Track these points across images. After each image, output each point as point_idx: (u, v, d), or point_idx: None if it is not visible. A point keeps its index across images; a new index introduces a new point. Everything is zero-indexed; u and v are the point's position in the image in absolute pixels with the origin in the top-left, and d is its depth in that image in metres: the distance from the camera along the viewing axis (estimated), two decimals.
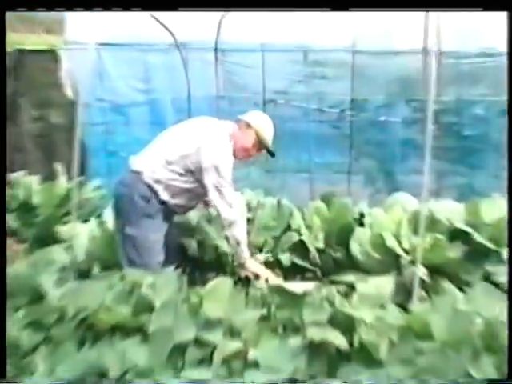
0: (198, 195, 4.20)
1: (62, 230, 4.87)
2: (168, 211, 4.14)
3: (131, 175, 4.08)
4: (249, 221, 4.67)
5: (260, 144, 4.25)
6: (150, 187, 4.02)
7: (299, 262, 4.51)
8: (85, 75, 4.51)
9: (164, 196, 4.05)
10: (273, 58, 7.04)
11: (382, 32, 6.57)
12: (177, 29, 6.50)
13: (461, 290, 4.01)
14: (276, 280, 4.08)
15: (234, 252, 4.18)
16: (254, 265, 4.20)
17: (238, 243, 4.09)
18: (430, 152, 3.76)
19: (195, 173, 4.05)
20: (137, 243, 4.01)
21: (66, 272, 4.13)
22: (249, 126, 4.24)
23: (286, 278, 4.26)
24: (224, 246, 4.41)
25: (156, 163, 4.07)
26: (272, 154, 4.37)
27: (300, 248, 4.55)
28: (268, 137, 4.27)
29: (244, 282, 4.01)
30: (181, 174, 4.05)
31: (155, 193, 4.03)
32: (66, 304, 3.07)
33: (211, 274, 4.35)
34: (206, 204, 4.54)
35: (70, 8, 3.36)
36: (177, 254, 4.31)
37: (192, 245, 4.56)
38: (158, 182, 4.02)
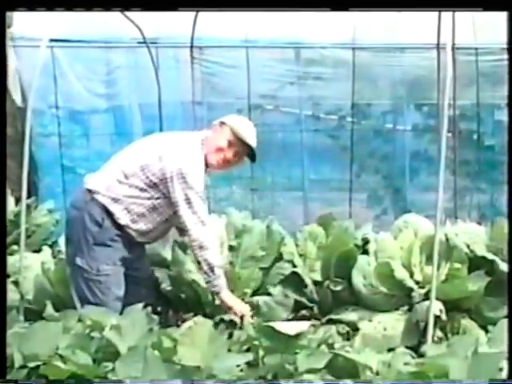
0: (168, 218, 4.17)
1: (9, 261, 4.84)
2: (129, 238, 4.12)
3: (84, 195, 4.08)
4: (232, 248, 4.66)
5: (238, 145, 4.23)
6: (104, 208, 4.01)
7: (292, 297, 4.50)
8: (35, 77, 4.49)
9: (123, 219, 4.04)
10: (259, 56, 7.08)
11: (386, 25, 6.61)
12: (145, 22, 6.51)
13: (484, 328, 4.03)
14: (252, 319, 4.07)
15: (206, 279, 4.15)
16: (229, 297, 4.16)
17: (211, 269, 4.05)
18: (445, 165, 3.78)
19: (159, 186, 4.03)
20: (88, 277, 4.00)
21: (12, 312, 4.11)
22: (222, 123, 4.25)
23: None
24: (203, 281, 4.40)
25: (111, 178, 4.06)
26: (253, 158, 4.38)
27: (293, 281, 4.55)
28: (246, 133, 4.24)
29: (226, 321, 4.01)
30: (142, 190, 4.03)
31: (111, 215, 4.02)
32: (12, 351, 3.04)
33: (187, 315, 4.33)
34: (182, 232, 4.53)
35: (69, 8, 3.57)
36: (147, 291, 4.30)
37: (164, 279, 4.53)
38: (115, 200, 4.01)
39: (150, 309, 3.41)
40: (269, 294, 4.46)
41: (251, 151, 4.30)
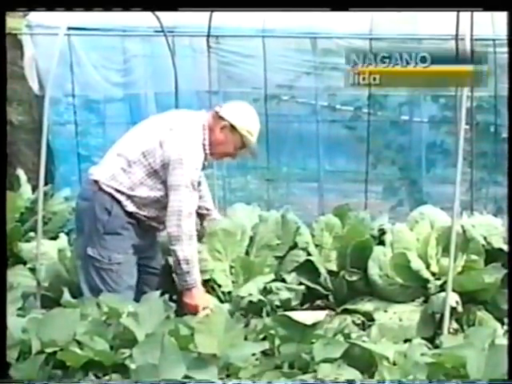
0: None
1: (26, 248, 4.87)
2: (141, 226, 4.13)
3: (91, 186, 4.09)
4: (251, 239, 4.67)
5: (237, 139, 4.18)
6: (112, 196, 4.02)
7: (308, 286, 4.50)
8: (53, 65, 4.50)
9: (129, 207, 4.05)
10: (275, 45, 7.05)
11: (404, 15, 6.57)
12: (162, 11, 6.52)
13: (500, 321, 4.02)
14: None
15: (174, 271, 4.11)
16: (199, 296, 4.06)
17: (178, 262, 3.98)
18: (462, 157, 3.77)
19: (159, 173, 4.02)
20: (100, 266, 4.01)
21: (29, 299, 4.14)
22: (220, 117, 4.16)
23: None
24: (217, 270, 4.41)
25: (116, 166, 4.06)
26: (253, 154, 4.39)
27: (308, 270, 4.55)
28: (245, 128, 4.17)
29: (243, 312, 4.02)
30: (145, 179, 4.03)
31: (119, 203, 4.03)
32: (30, 337, 3.06)
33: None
34: (200, 216, 4.54)
35: (69, 8, 3.58)
36: (161, 280, 4.30)
37: None
38: (118, 191, 4.01)
39: (167, 296, 3.42)
40: (284, 281, 4.46)
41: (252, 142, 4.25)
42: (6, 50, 3.51)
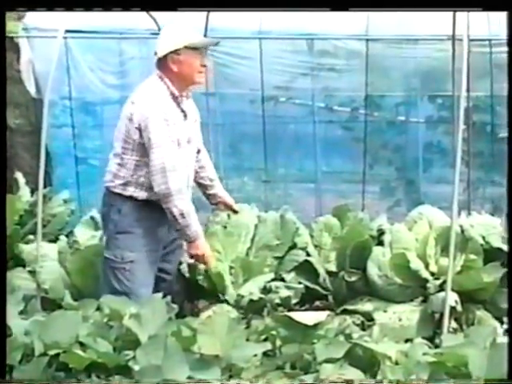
0: None
1: (25, 250, 4.88)
2: (152, 220, 4.11)
3: (105, 192, 4.19)
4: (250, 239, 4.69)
5: (191, 56, 4.15)
6: (120, 195, 4.07)
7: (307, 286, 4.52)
8: (52, 69, 4.52)
9: (141, 195, 4.05)
10: (272, 47, 7.05)
11: (400, 16, 6.59)
12: (159, 13, 6.52)
13: (499, 320, 4.05)
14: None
15: (176, 228, 4.10)
16: (203, 245, 4.16)
17: (174, 218, 3.99)
18: (460, 157, 3.79)
19: (146, 145, 4.01)
20: (114, 266, 4.04)
21: (31, 301, 4.15)
22: (161, 59, 4.20)
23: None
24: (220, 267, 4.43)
25: (113, 166, 4.12)
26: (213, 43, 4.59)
27: (307, 271, 4.58)
28: (183, 41, 4.14)
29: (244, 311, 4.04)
30: (140, 160, 4.03)
31: (130, 198, 4.06)
32: (32, 339, 3.07)
33: (203, 304, 4.34)
34: (203, 186, 4.54)
35: (69, 8, 3.61)
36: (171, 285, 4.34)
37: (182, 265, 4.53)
38: (125, 184, 4.06)
39: (169, 298, 3.44)
40: (283, 281, 4.48)
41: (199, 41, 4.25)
42: (5, 50, 3.54)
